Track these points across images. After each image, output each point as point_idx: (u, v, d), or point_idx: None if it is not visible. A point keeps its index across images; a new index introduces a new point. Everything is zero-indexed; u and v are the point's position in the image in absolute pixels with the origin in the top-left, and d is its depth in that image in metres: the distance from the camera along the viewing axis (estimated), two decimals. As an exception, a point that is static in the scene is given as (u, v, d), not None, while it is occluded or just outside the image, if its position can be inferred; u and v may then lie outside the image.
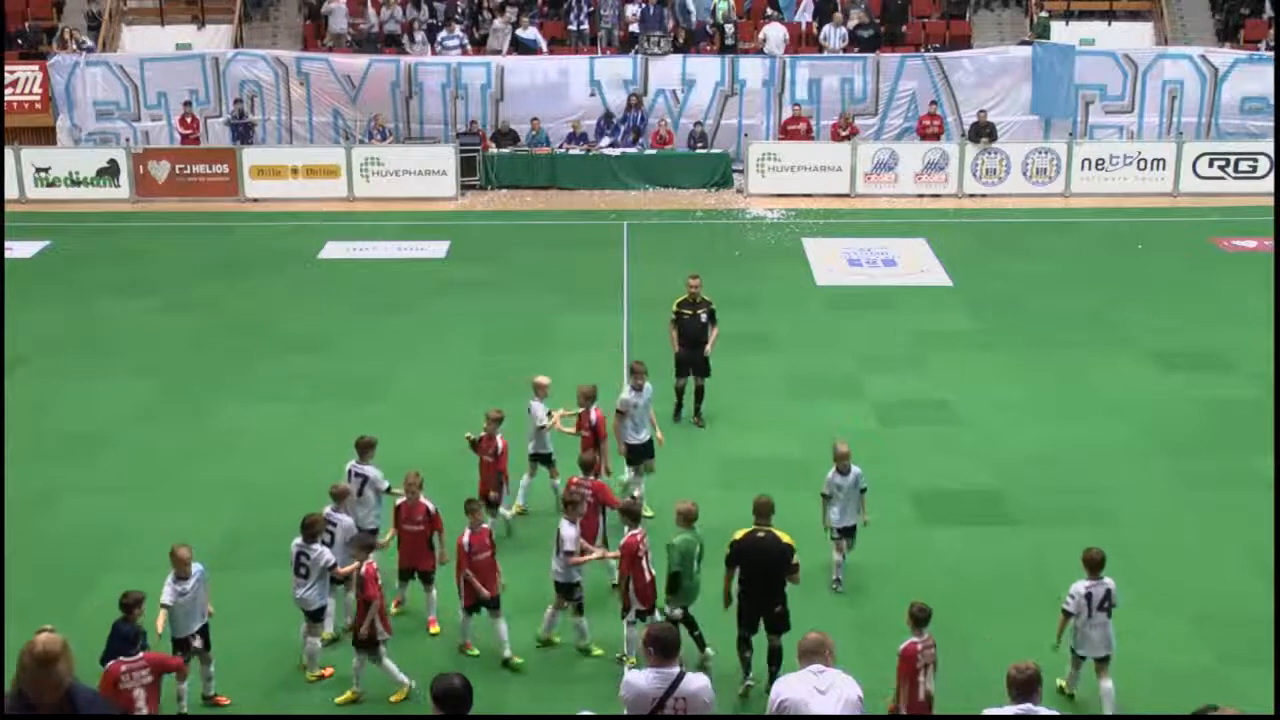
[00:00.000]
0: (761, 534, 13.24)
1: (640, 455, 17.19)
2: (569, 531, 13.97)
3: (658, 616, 13.61)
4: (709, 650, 13.84)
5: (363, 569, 13.35)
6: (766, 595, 13.26)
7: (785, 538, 13.22)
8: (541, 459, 17.25)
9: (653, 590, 13.80)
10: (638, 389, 17.12)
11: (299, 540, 13.77)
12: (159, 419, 20.74)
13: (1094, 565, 12.93)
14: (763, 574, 13.22)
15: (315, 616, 13.92)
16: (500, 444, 16.34)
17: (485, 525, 14.23)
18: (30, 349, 23.29)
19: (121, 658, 12.07)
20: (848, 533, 15.46)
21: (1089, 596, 12.86)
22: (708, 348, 19.88)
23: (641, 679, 9.48)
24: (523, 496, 17.30)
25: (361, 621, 13.32)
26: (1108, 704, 12.84)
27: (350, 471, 15.25)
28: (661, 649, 9.42)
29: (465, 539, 13.90)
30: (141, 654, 12.13)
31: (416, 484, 14.58)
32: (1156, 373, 22.27)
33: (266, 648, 14.01)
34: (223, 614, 13.74)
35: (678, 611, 13.43)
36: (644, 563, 13.69)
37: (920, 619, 12.24)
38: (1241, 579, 15.65)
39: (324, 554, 13.74)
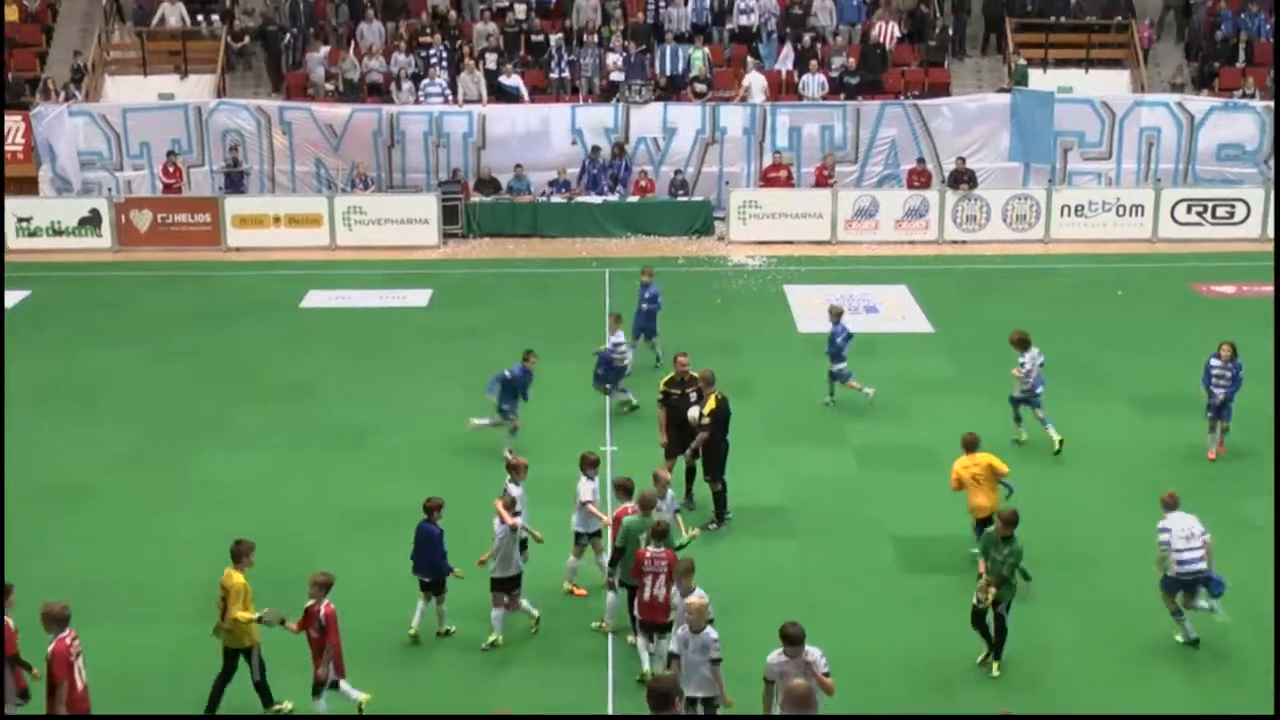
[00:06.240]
0: (722, 396, 18.12)
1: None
2: None
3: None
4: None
5: (323, 610, 13.49)
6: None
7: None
8: (589, 536, 16.56)
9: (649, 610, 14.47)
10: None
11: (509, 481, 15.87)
12: (141, 468, 20.69)
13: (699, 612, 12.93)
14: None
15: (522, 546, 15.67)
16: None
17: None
18: (12, 398, 23.21)
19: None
20: None
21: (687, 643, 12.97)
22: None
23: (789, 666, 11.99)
24: (570, 577, 16.72)
25: (319, 664, 13.50)
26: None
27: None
28: (789, 640, 12.03)
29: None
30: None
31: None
32: (1137, 418, 22.35)
33: (249, 690, 13.93)
34: (206, 664, 13.83)
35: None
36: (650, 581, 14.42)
37: (660, 533, 14.47)
38: (1231, 624, 15.62)
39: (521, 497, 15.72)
